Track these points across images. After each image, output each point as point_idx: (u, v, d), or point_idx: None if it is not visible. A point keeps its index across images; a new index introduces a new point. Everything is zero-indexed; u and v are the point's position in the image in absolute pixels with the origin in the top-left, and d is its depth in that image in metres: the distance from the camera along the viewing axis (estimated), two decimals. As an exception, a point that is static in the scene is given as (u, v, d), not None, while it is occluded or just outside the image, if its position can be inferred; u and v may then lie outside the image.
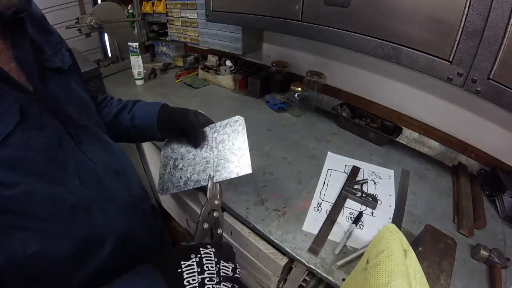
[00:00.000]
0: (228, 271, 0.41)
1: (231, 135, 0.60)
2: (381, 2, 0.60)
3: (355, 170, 0.83)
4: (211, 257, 0.40)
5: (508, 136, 0.77)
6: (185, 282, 0.36)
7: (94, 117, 0.54)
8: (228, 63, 1.37)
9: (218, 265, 0.40)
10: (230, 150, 0.58)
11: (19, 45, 0.38)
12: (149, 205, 0.63)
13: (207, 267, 0.39)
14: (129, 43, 1.34)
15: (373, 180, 0.81)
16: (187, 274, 0.37)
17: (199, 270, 0.38)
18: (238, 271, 0.43)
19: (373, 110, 1.04)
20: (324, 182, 0.80)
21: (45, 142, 0.38)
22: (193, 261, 0.38)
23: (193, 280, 0.37)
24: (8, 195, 0.33)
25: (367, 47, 0.65)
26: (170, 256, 0.40)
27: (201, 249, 0.40)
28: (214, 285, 0.38)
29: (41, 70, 0.41)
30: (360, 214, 0.69)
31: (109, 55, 1.73)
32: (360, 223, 0.67)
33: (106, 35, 1.70)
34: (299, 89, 1.08)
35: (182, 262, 0.38)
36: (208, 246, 0.41)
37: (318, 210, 0.71)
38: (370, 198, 0.72)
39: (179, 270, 0.37)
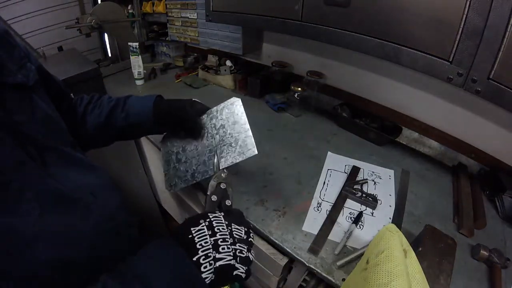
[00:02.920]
0: (241, 233, 0.41)
1: (230, 119, 0.58)
2: (381, 2, 0.60)
3: (355, 170, 0.83)
4: (221, 220, 0.40)
5: (508, 136, 0.77)
6: (197, 246, 0.36)
7: (63, 137, 0.49)
8: (228, 63, 1.37)
9: (229, 227, 0.40)
10: (231, 134, 0.57)
11: None
12: (135, 227, 0.56)
13: (218, 229, 0.39)
14: (129, 43, 1.34)
15: (373, 180, 0.81)
16: (198, 238, 0.37)
17: (210, 232, 0.38)
18: (252, 235, 0.43)
19: (373, 110, 1.04)
20: (324, 182, 0.80)
21: None
22: (202, 226, 0.38)
23: (206, 242, 0.37)
24: None
25: (367, 47, 0.65)
26: (182, 225, 0.40)
27: (209, 214, 0.41)
28: (228, 245, 0.38)
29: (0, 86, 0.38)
30: (360, 214, 0.69)
31: (109, 55, 1.73)
32: (360, 223, 0.67)
33: (106, 35, 1.70)
34: (299, 89, 1.08)
35: (192, 228, 0.38)
36: (217, 212, 0.41)
37: (318, 210, 0.71)
38: (370, 198, 0.72)
39: (190, 236, 0.37)
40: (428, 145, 0.96)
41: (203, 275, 0.35)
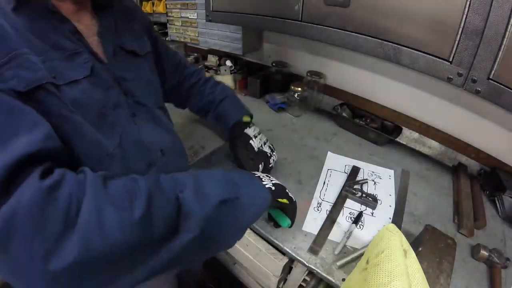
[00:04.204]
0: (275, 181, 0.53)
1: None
2: (381, 2, 0.60)
3: (355, 170, 0.83)
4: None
5: (508, 136, 0.77)
6: (255, 173, 0.51)
7: (156, 99, 0.61)
8: (228, 63, 1.37)
9: (268, 177, 0.52)
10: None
11: (104, 25, 0.49)
12: None
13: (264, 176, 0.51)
14: (129, 43, 1.34)
15: (373, 180, 0.81)
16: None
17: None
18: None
19: (373, 110, 1.04)
20: (324, 182, 0.80)
21: (103, 100, 0.46)
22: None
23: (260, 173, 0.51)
24: (65, 125, 0.39)
25: (367, 47, 0.65)
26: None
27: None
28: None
29: (117, 49, 0.51)
30: (360, 214, 0.69)
31: (109, 55, 1.73)
32: (360, 223, 0.67)
33: (106, 35, 1.70)
34: (299, 89, 1.08)
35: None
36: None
37: (318, 210, 0.71)
38: (370, 198, 0.72)
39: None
40: (428, 145, 0.96)
41: (264, 183, 0.47)
